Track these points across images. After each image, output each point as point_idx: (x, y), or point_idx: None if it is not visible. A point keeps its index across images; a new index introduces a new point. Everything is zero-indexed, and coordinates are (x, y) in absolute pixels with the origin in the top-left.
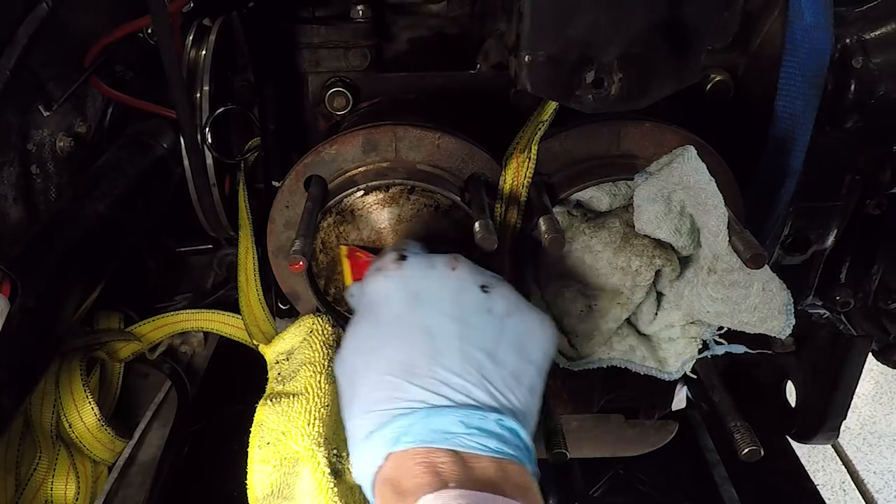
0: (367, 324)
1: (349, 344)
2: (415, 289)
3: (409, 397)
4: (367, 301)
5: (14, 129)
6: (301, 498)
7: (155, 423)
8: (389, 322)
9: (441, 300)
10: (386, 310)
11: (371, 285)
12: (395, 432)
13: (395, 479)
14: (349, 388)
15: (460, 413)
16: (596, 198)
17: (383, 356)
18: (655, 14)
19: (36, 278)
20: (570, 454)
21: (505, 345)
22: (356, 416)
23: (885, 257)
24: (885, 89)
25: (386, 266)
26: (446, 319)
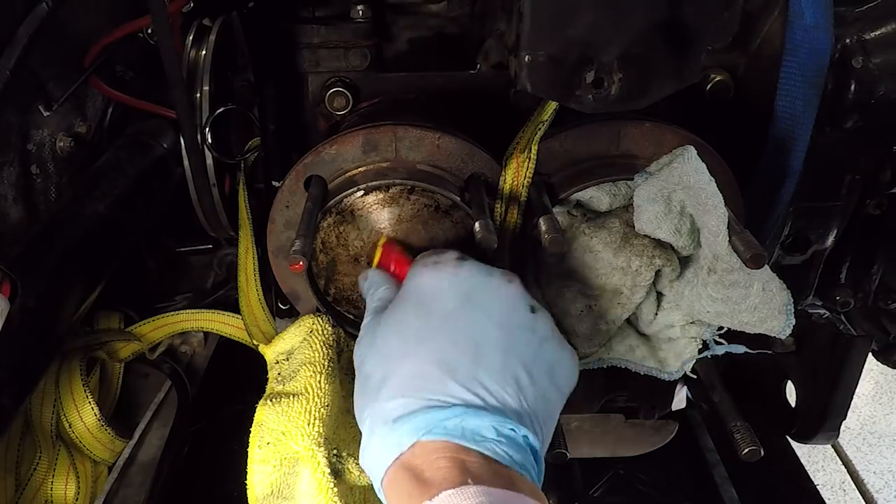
0: (415, 312)
1: (391, 326)
2: (469, 291)
3: (447, 392)
4: (417, 291)
5: (14, 129)
6: (301, 498)
7: (155, 423)
8: (439, 316)
9: (492, 308)
10: (438, 304)
11: (426, 277)
12: (428, 422)
13: (418, 467)
14: (382, 367)
15: (495, 419)
16: (596, 198)
17: (427, 347)
18: (655, 14)
19: (36, 278)
20: (570, 454)
21: (540, 365)
22: (386, 398)
23: (885, 257)
24: (885, 89)
25: (445, 262)
26: (494, 327)
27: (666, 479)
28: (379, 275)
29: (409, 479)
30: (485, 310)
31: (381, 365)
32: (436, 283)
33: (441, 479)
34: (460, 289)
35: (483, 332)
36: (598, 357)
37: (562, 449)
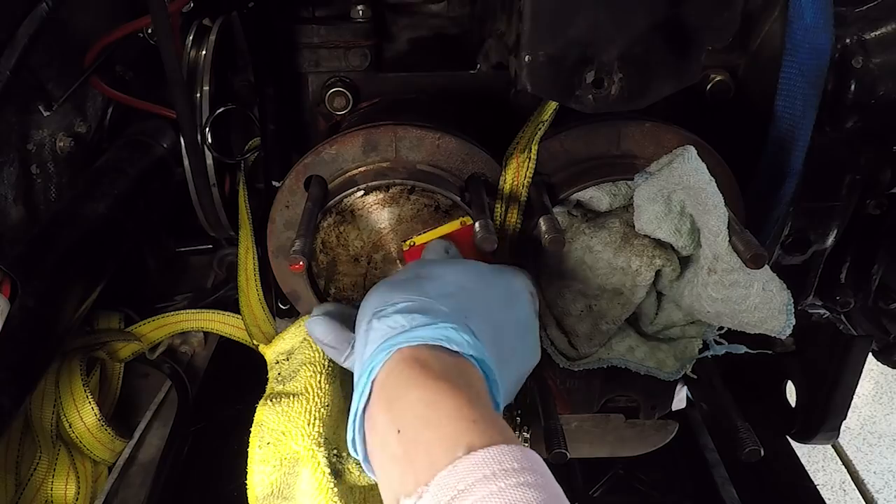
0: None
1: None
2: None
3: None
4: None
5: (14, 129)
6: (301, 498)
7: (155, 423)
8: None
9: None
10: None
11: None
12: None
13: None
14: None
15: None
16: (596, 198)
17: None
18: (655, 14)
19: (36, 278)
20: (570, 454)
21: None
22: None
23: (885, 257)
24: (885, 89)
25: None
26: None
27: (666, 479)
28: (458, 254)
29: (456, 368)
30: (527, 347)
31: (453, 287)
32: (526, 301)
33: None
34: (529, 321)
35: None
36: (598, 357)
37: (562, 449)
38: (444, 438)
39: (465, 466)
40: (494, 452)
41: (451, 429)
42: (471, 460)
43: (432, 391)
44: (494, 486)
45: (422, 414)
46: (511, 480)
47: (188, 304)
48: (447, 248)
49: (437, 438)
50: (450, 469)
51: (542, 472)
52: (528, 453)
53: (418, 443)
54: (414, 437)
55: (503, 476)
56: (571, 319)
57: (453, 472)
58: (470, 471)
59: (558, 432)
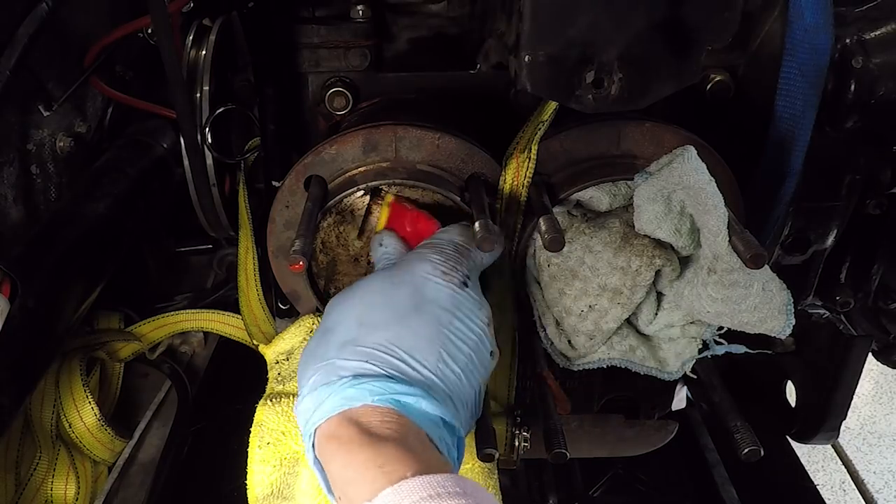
0: (408, 296)
1: (377, 296)
2: (461, 307)
3: (411, 373)
4: (415, 279)
5: (14, 129)
6: (301, 498)
7: (155, 423)
8: (430, 310)
9: (470, 330)
10: (432, 299)
11: (429, 275)
12: (387, 390)
13: (365, 423)
14: (355, 330)
15: (444, 410)
16: (596, 198)
17: (408, 328)
18: (655, 14)
19: (36, 278)
20: (570, 454)
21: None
22: (348, 357)
23: (885, 257)
24: (885, 89)
25: (452, 278)
26: (465, 346)
27: (666, 479)
28: (396, 246)
29: (358, 431)
30: (465, 328)
31: (354, 327)
32: (437, 285)
33: (392, 437)
34: (455, 301)
35: (455, 343)
36: (598, 357)
37: (562, 449)
38: (363, 489)
39: (409, 487)
40: (437, 479)
41: (365, 480)
42: (413, 483)
43: (343, 456)
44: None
45: (342, 477)
46: (454, 501)
47: (188, 304)
48: (380, 242)
49: (358, 491)
50: (394, 489)
51: (481, 498)
52: (468, 482)
53: (349, 500)
54: (346, 497)
55: (446, 497)
56: (572, 319)
57: (397, 492)
58: (413, 490)
59: (558, 432)
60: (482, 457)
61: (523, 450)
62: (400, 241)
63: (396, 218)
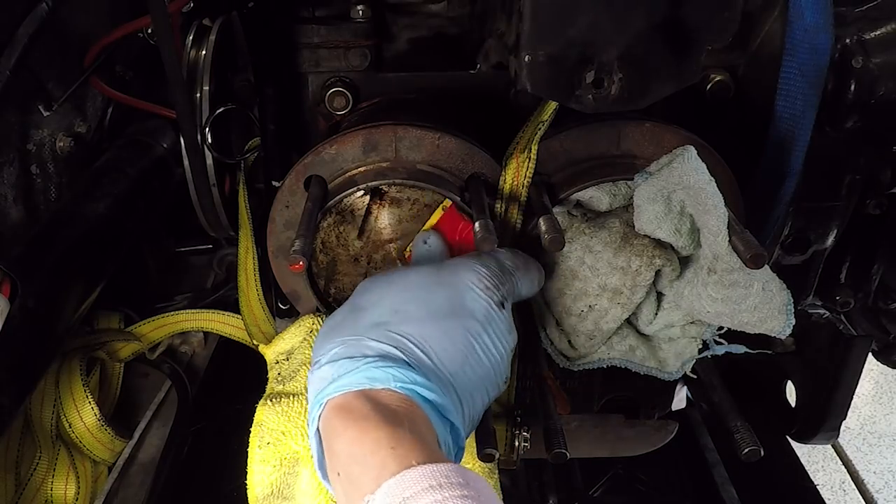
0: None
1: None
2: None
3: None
4: (458, 286)
5: (14, 129)
6: (301, 498)
7: (155, 423)
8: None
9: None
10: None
11: (472, 285)
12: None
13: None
14: (388, 315)
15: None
16: (596, 198)
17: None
18: (655, 14)
19: (36, 278)
20: (570, 454)
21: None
22: (379, 338)
23: (885, 257)
24: (885, 89)
25: (491, 297)
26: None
27: (666, 479)
28: (441, 248)
29: (373, 407)
30: (491, 344)
31: (388, 312)
32: (477, 297)
33: (408, 417)
34: (489, 317)
35: (479, 355)
36: (598, 357)
37: (562, 449)
38: (370, 469)
39: (412, 476)
40: (442, 468)
41: (374, 460)
42: (418, 472)
43: (354, 432)
44: (439, 495)
45: (348, 453)
46: (455, 492)
47: (188, 304)
48: (425, 240)
49: (364, 471)
50: (398, 478)
51: (482, 490)
52: (470, 474)
53: (351, 479)
54: (347, 475)
55: (448, 488)
56: (572, 319)
57: (401, 481)
58: (416, 480)
59: (558, 432)
60: (482, 457)
61: (523, 450)
62: (445, 244)
63: (447, 223)
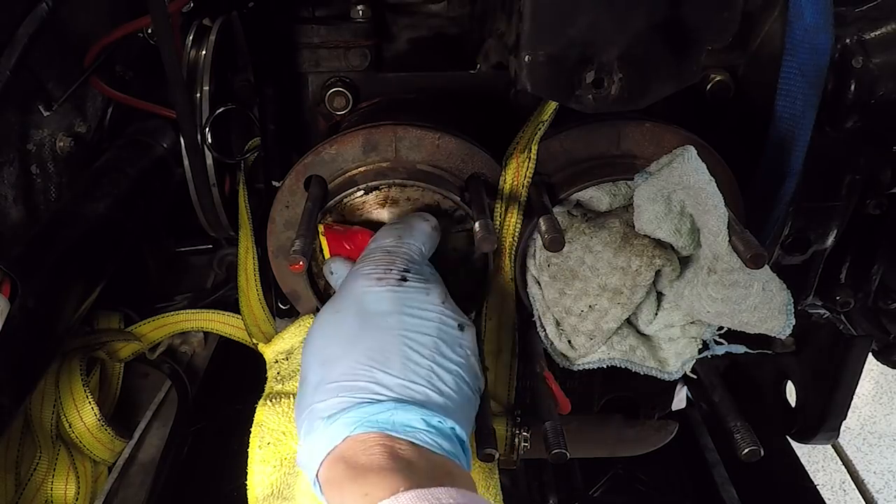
0: (353, 317)
1: (326, 330)
2: (406, 302)
3: (378, 389)
4: (355, 297)
5: (14, 129)
6: (301, 498)
7: (155, 423)
8: (374, 321)
9: (426, 319)
10: (375, 312)
11: (366, 288)
12: (360, 417)
13: (350, 457)
14: (319, 370)
15: (423, 412)
16: (596, 198)
17: (361, 348)
18: (655, 14)
19: (36, 278)
20: (570, 454)
21: (463, 373)
22: (321, 398)
23: (885, 257)
24: (885, 89)
25: (388, 279)
26: (425, 336)
27: (666, 479)
28: (341, 263)
29: (344, 468)
30: (418, 320)
31: (318, 368)
32: (376, 293)
33: (370, 463)
34: (398, 300)
35: (414, 339)
36: (598, 357)
37: (562, 449)
38: None
39: (407, 498)
40: (437, 491)
41: None
42: (412, 494)
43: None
44: None
45: None
46: None
47: (188, 304)
48: (331, 271)
49: None
50: (392, 500)
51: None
52: (468, 494)
53: None
54: None
55: None
56: (572, 319)
57: (407, 497)
58: (412, 501)
59: (558, 432)
60: (482, 457)
61: (523, 450)
62: (348, 262)
63: (334, 242)
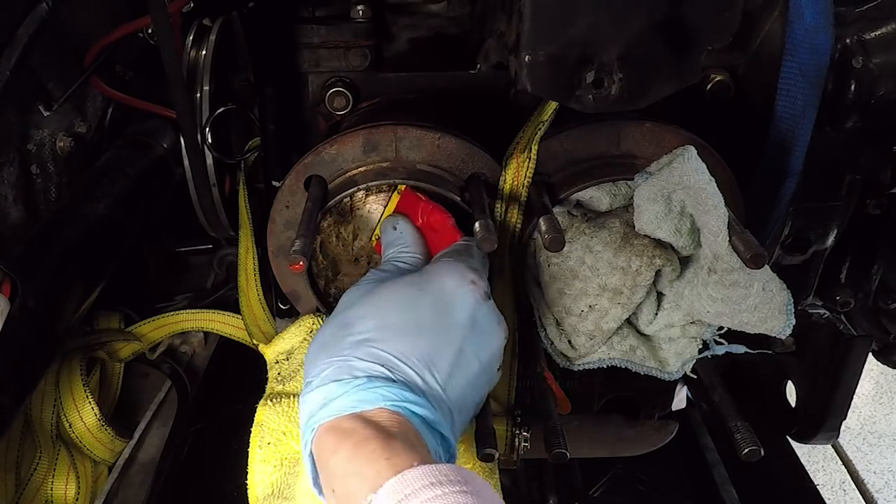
0: (431, 305)
1: (402, 301)
2: (479, 320)
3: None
4: (443, 288)
5: (14, 129)
6: (301, 498)
7: (155, 423)
8: (449, 322)
9: (486, 346)
10: (455, 313)
11: (458, 285)
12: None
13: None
14: (373, 330)
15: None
16: (596, 198)
17: (424, 339)
18: (655, 14)
19: (36, 278)
20: (570, 454)
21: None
22: (363, 357)
23: (885, 257)
24: (885, 89)
25: (479, 288)
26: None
27: (666, 479)
28: (412, 232)
29: (369, 427)
30: (481, 343)
31: (373, 327)
32: (462, 296)
33: (408, 440)
34: (477, 316)
35: (469, 359)
36: (598, 357)
37: (562, 449)
38: (366, 479)
39: (412, 475)
40: (441, 467)
41: (370, 470)
42: (418, 471)
43: (348, 449)
44: (440, 490)
45: (343, 469)
46: (455, 488)
47: (188, 304)
48: (394, 225)
49: (360, 482)
50: (398, 477)
51: (482, 488)
52: (469, 473)
53: (348, 491)
54: (343, 490)
55: (448, 484)
56: (572, 319)
57: (401, 480)
58: (417, 478)
59: (558, 432)
60: (482, 457)
61: (523, 450)
62: (414, 227)
63: (409, 206)
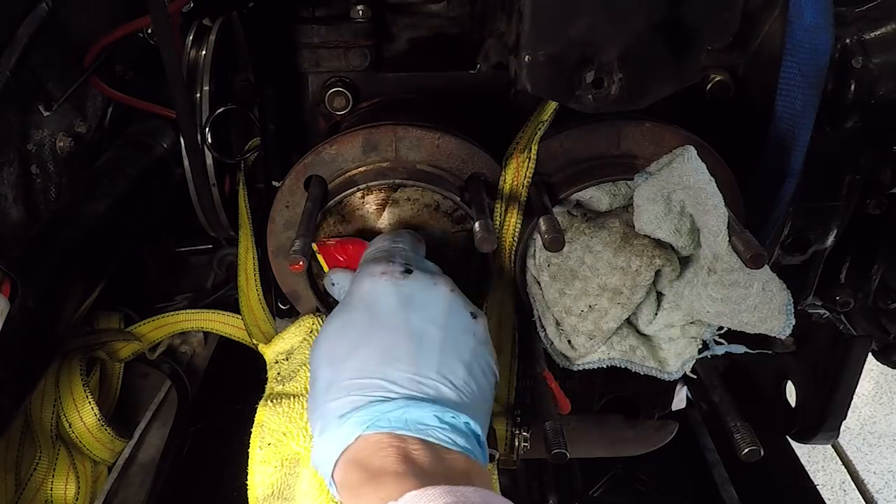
0: (360, 315)
1: (337, 330)
2: (412, 296)
3: (388, 386)
4: (362, 296)
5: (14, 129)
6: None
7: (155, 423)
8: (383, 318)
9: (434, 311)
10: (382, 307)
11: (373, 285)
12: (371, 416)
13: (363, 459)
14: (329, 370)
15: (435, 408)
16: (596, 198)
17: (370, 346)
18: (655, 14)
19: (36, 278)
20: (570, 454)
21: (477, 364)
22: (333, 398)
23: (885, 257)
24: (885, 89)
25: (391, 273)
26: (434, 328)
27: (666, 479)
28: (341, 274)
29: (356, 469)
30: (427, 312)
31: (328, 368)
32: (381, 289)
33: (384, 467)
34: (404, 294)
35: (424, 332)
36: (598, 357)
37: (562, 449)
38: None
39: (433, 493)
40: (464, 490)
41: None
42: (438, 490)
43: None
44: None
45: None
46: None
47: (188, 304)
48: (332, 282)
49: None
50: (418, 493)
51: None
52: (480, 491)
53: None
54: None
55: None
56: (572, 319)
57: (422, 496)
58: (438, 495)
59: (558, 432)
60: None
61: (523, 450)
62: (347, 272)
63: (330, 257)
